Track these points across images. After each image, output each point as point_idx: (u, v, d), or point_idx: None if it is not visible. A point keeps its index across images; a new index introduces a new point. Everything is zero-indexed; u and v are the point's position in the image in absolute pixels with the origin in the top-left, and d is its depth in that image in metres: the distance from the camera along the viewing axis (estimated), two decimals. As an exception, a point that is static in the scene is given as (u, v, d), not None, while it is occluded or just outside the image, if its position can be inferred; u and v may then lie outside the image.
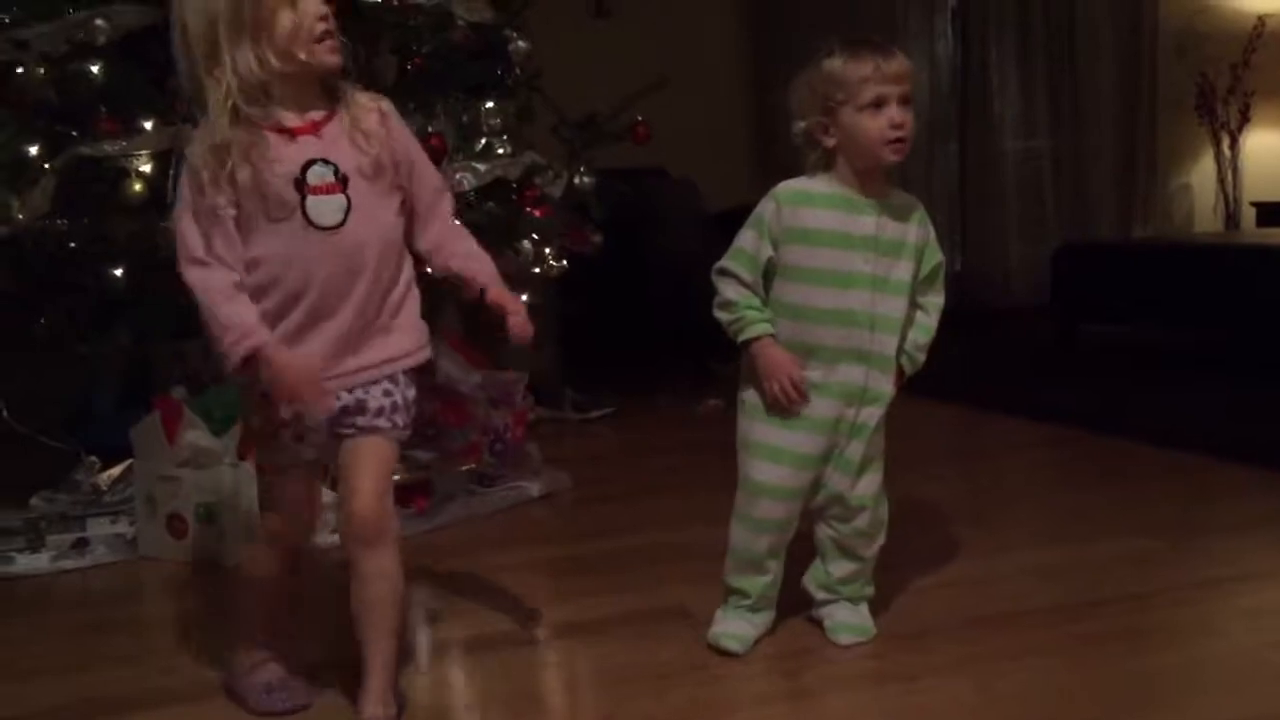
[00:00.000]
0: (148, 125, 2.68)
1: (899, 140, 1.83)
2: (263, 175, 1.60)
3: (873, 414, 1.90)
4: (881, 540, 1.99)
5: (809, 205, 1.87)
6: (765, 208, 1.89)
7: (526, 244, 3.07)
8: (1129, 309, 4.74)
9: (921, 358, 1.96)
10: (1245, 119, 6.26)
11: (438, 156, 2.80)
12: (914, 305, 1.93)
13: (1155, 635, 2.00)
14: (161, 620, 2.33)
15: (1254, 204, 6.23)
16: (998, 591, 2.18)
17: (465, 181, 2.89)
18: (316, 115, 1.66)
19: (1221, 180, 6.37)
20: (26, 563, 2.56)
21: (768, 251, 1.88)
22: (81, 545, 2.64)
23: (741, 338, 1.91)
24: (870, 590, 2.02)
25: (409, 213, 1.75)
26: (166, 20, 2.30)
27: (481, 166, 2.94)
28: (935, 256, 1.94)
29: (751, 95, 5.95)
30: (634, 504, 2.99)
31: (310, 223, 1.62)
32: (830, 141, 1.86)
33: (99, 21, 2.68)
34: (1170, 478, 3.02)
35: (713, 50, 5.81)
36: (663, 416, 4.14)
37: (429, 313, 2.05)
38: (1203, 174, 6.44)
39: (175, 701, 1.88)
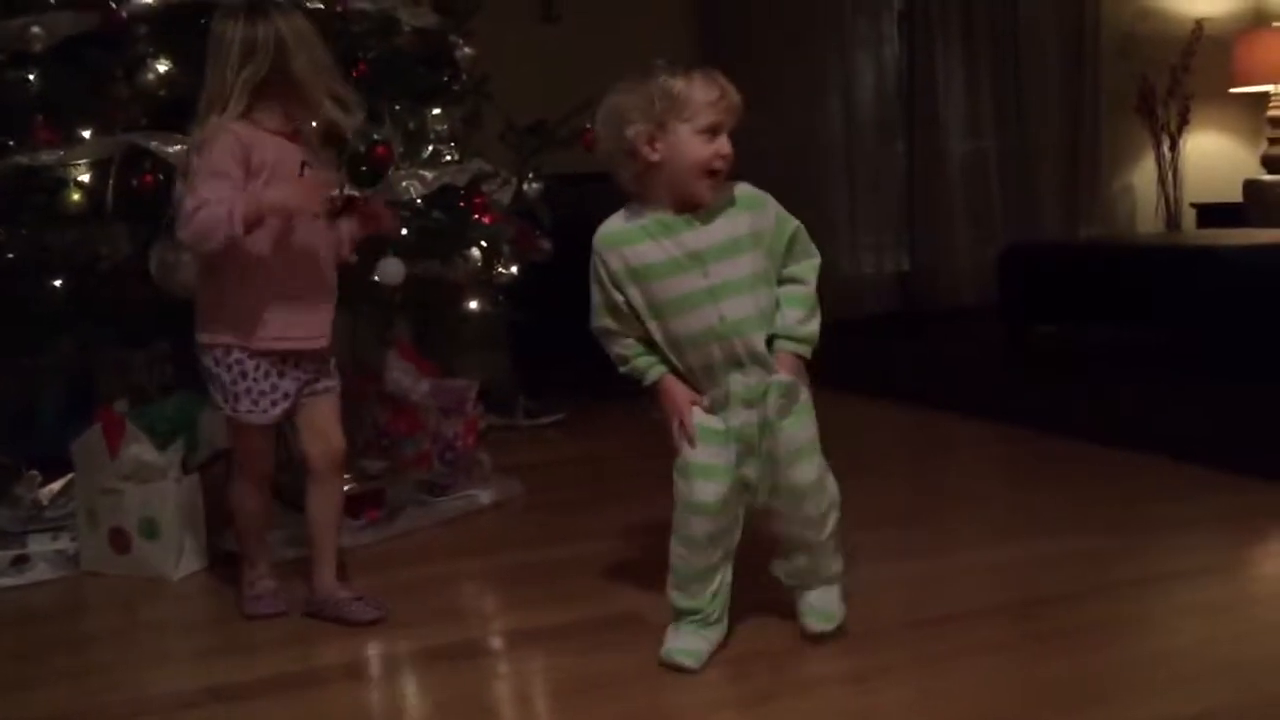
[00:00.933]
0: (86, 134, 2.64)
1: (718, 172, 1.85)
2: (279, 164, 2.07)
3: (781, 406, 1.88)
4: (832, 524, 1.97)
5: (628, 243, 1.89)
6: (593, 264, 1.92)
7: (475, 251, 3.04)
8: (1076, 309, 4.79)
9: (805, 330, 1.92)
10: (1185, 121, 6.36)
11: (384, 164, 2.78)
12: (784, 283, 1.93)
13: (1105, 632, 2.01)
14: (104, 636, 2.29)
15: (1194, 205, 6.33)
16: (947, 591, 2.19)
17: (412, 189, 2.86)
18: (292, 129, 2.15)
19: (1162, 181, 6.46)
20: (-35, 581, 2.50)
21: (617, 296, 1.90)
22: (21, 562, 2.59)
23: (645, 384, 1.95)
24: (838, 568, 2.01)
25: None
26: (104, 26, 2.40)
27: (429, 174, 2.92)
28: (787, 228, 1.93)
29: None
30: (586, 511, 2.98)
31: None
32: (654, 156, 1.85)
33: (35, 29, 2.64)
34: (1118, 476, 3.06)
35: (661, 54, 5.81)
36: (614, 423, 4.12)
37: (379, 323, 2.07)
38: (1144, 175, 6.53)
39: (119, 718, 1.84)
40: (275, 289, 2.11)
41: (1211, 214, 6.14)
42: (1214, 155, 6.51)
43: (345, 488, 2.77)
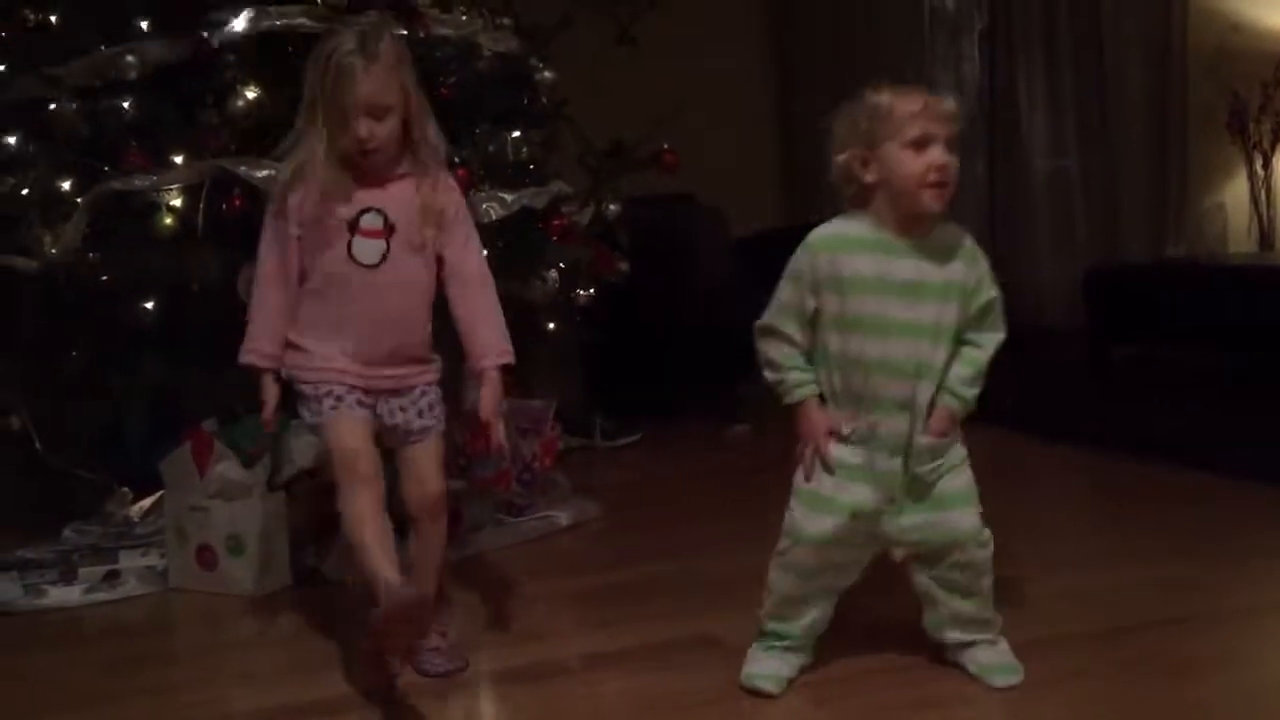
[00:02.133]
0: (178, 159, 2.71)
1: (939, 184, 1.77)
2: (326, 206, 1.96)
3: (929, 467, 1.83)
4: (986, 579, 1.90)
5: (844, 251, 1.81)
6: (799, 259, 1.84)
7: (553, 273, 3.06)
8: (1163, 330, 4.69)
9: (968, 392, 1.84)
10: (1278, 138, 6.20)
11: (465, 187, 2.81)
12: (960, 343, 1.85)
13: (1194, 663, 1.96)
14: (190, 653, 2.33)
15: (1289, 223, 6.16)
16: (1034, 616, 2.14)
17: (492, 211, 2.90)
18: (390, 174, 1.99)
19: (1255, 200, 6.30)
20: (58, 595, 2.57)
21: (811, 303, 1.82)
22: (113, 577, 2.65)
23: (785, 401, 1.87)
24: (1000, 622, 1.94)
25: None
26: (195, 55, 2.42)
27: (508, 196, 2.95)
28: (985, 294, 1.85)
29: (777, 120, 5.95)
30: (662, 532, 2.97)
31: (352, 258, 1.97)
32: (869, 177, 1.80)
33: (129, 58, 2.72)
34: (1206, 502, 2.97)
35: (738, 76, 5.81)
36: (691, 443, 4.12)
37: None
38: (1236, 193, 6.37)
39: (203, 734, 1.87)
40: (326, 330, 2.01)
41: (1306, 232, 5.97)
42: (1308, 172, 6.33)
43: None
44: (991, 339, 1.86)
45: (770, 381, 1.89)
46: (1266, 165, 6.24)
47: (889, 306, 1.79)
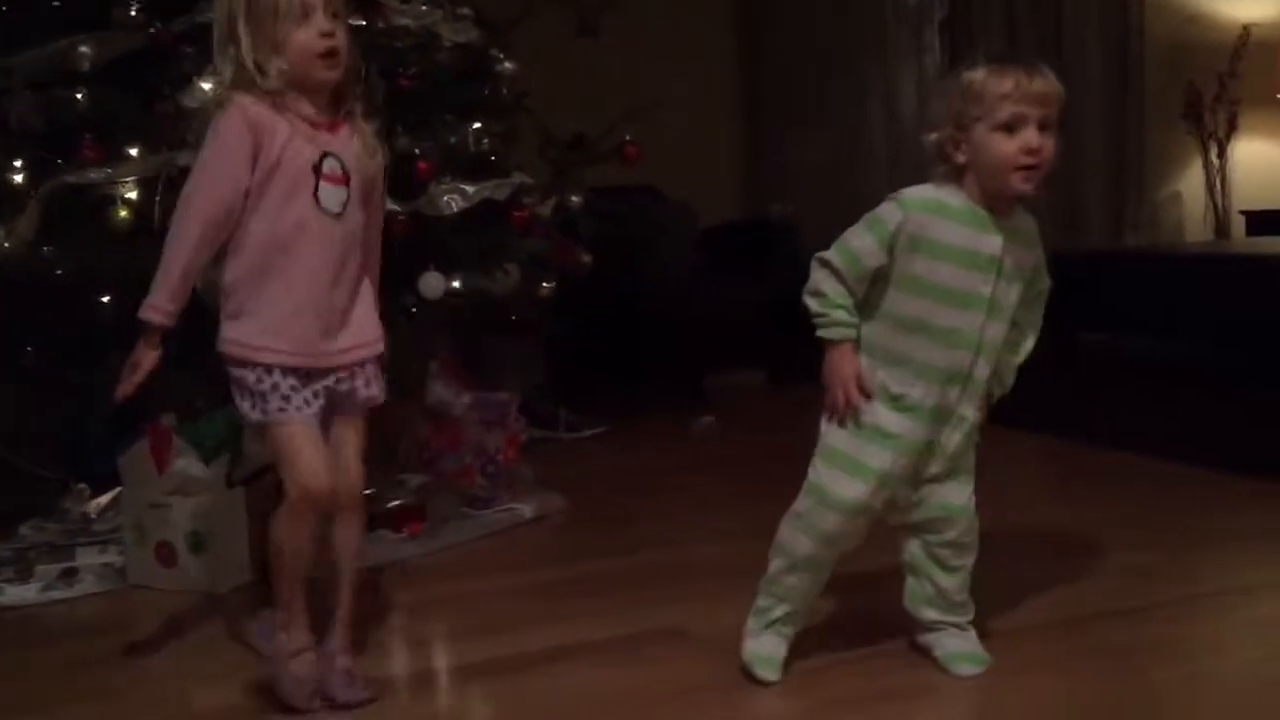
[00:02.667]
0: (133, 152, 2.67)
1: (1031, 167, 1.74)
2: (286, 155, 1.78)
3: (955, 439, 1.84)
4: (971, 558, 1.92)
5: (940, 216, 1.78)
6: (889, 214, 1.79)
7: (515, 265, 3.05)
8: (1123, 317, 4.74)
9: (1010, 380, 1.90)
10: (1233, 128, 6.28)
11: (425, 178, 2.80)
12: (1014, 327, 1.86)
13: (1158, 650, 1.98)
14: (149, 650, 2.30)
15: (1243, 212, 6.25)
16: (996, 605, 2.16)
17: (453, 203, 2.88)
18: (330, 117, 1.84)
19: (1210, 189, 6.38)
20: (14, 593, 2.53)
21: (882, 259, 1.78)
22: (70, 575, 2.61)
23: (823, 334, 1.81)
24: (973, 610, 1.94)
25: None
26: (152, 45, 2.34)
27: (469, 188, 2.93)
28: (1042, 281, 1.88)
29: (740, 112, 5.95)
30: (628, 525, 2.97)
31: (319, 206, 1.81)
32: (960, 158, 1.78)
33: (83, 49, 2.68)
34: (1167, 489, 3.01)
35: (701, 68, 5.80)
36: (655, 436, 4.12)
37: (419, 337, 2.04)
38: (1192, 182, 6.45)
39: (164, 734, 1.85)
40: (278, 288, 1.82)
41: (1261, 221, 6.05)
42: (1263, 162, 6.42)
43: (391, 502, 2.81)
44: (1035, 326, 1.90)
45: (811, 310, 1.82)
46: (1222, 155, 6.33)
47: (971, 280, 1.77)
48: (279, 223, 1.80)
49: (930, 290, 1.78)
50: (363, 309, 1.92)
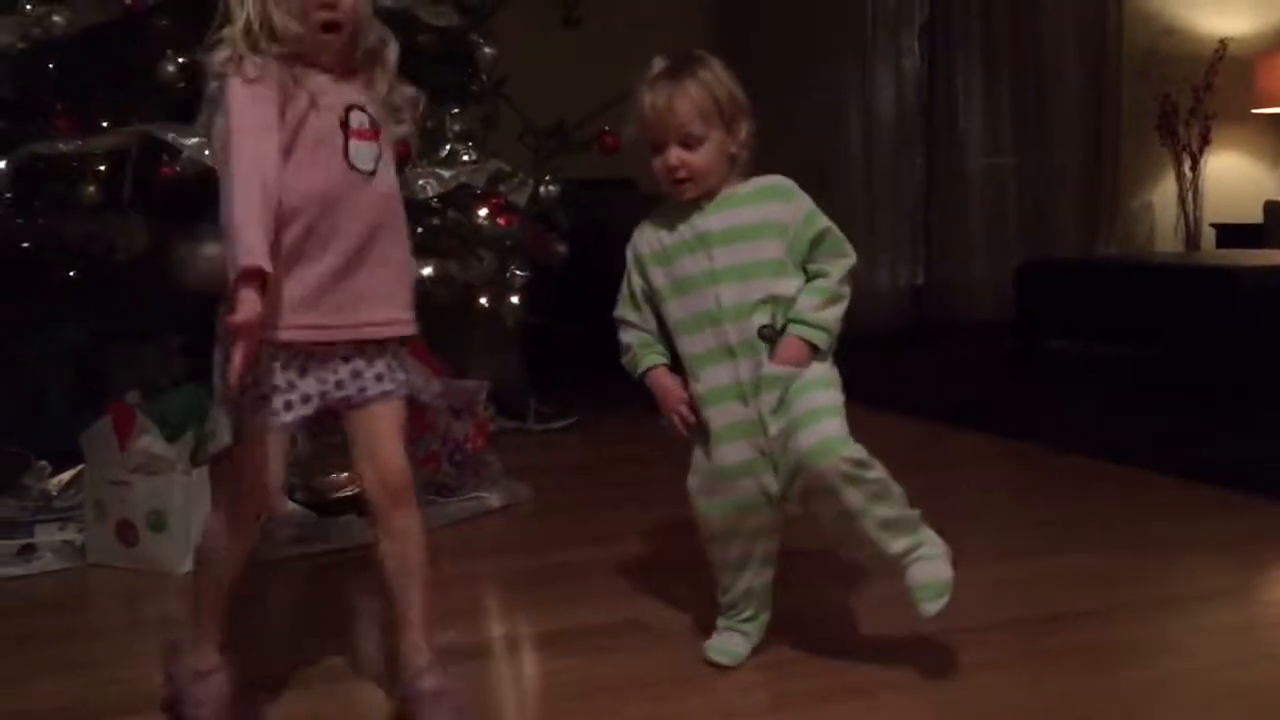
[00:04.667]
0: (104, 124, 2.64)
1: (678, 180, 1.84)
2: (309, 112, 1.60)
3: (772, 400, 1.81)
4: (873, 489, 1.78)
5: (654, 229, 1.92)
6: (628, 247, 1.95)
7: (489, 252, 3.04)
8: (1090, 326, 4.78)
9: (815, 316, 1.82)
10: (1206, 141, 6.34)
11: (402, 162, 2.78)
12: (808, 279, 1.87)
13: (1113, 652, 1.99)
14: (108, 629, 2.28)
15: (1214, 225, 6.31)
16: (954, 606, 2.16)
17: (429, 188, 2.86)
18: (348, 63, 1.66)
19: (1182, 201, 6.44)
20: (-29, 569, 2.50)
21: (640, 284, 1.93)
22: (28, 551, 2.58)
23: (636, 374, 1.94)
24: (919, 520, 1.85)
25: None
26: (126, 15, 2.25)
27: (446, 173, 2.91)
28: (814, 225, 1.88)
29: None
30: (593, 516, 2.97)
31: (350, 165, 1.62)
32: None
33: (57, 17, 2.64)
34: (1129, 494, 3.04)
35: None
36: (624, 429, 4.11)
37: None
38: (1164, 194, 6.51)
39: (120, 713, 1.83)
40: (310, 258, 1.61)
41: (1231, 234, 6.13)
42: (1235, 176, 6.49)
43: (347, 489, 2.77)
44: (839, 264, 1.89)
45: (625, 365, 1.96)
46: (1194, 167, 6.38)
47: (690, 264, 1.86)
48: (308, 189, 1.59)
49: (666, 292, 1.89)
50: (395, 282, 1.69)
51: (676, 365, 1.93)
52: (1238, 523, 2.74)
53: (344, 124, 1.62)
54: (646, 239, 1.93)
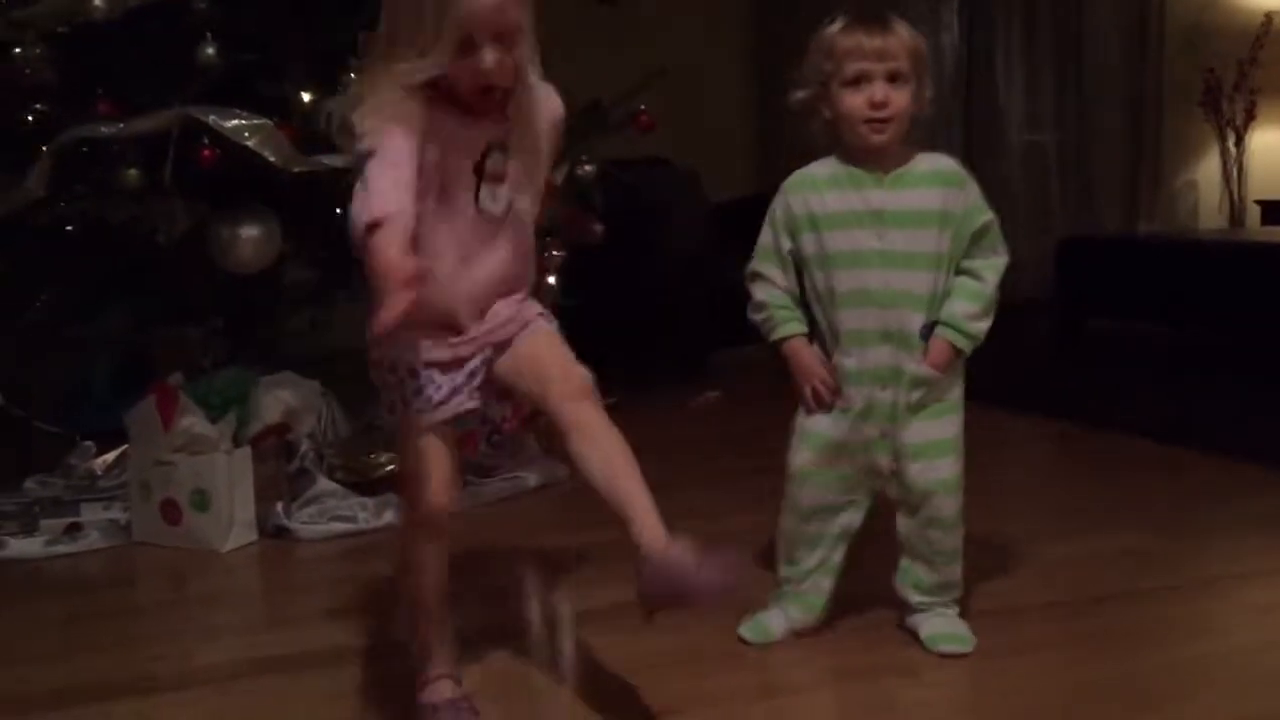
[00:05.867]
0: (145, 107, 2.66)
1: (876, 120, 1.79)
2: (443, 154, 1.53)
3: (919, 397, 1.84)
4: (954, 539, 1.90)
5: (813, 190, 1.85)
6: (775, 202, 1.89)
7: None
8: (1133, 304, 4.72)
9: (973, 327, 1.84)
10: (1251, 116, 6.23)
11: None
12: (961, 274, 1.86)
13: (1156, 633, 1.98)
14: (153, 607, 2.32)
15: (1258, 202, 6.21)
16: (998, 587, 2.16)
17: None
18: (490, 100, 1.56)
19: (1226, 177, 6.34)
20: (19, 547, 2.54)
21: (787, 244, 1.87)
22: (75, 530, 2.62)
23: (771, 338, 1.90)
24: (959, 593, 1.95)
25: None
26: (166, 1, 2.23)
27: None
28: (978, 219, 1.86)
29: (756, 86, 5.92)
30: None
31: (480, 210, 1.58)
32: (827, 113, 1.84)
33: (97, 2, 2.66)
34: (1172, 474, 3.00)
35: (717, 40, 5.78)
36: (662, 409, 4.11)
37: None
38: (1208, 171, 6.41)
39: (162, 689, 1.86)
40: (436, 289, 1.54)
41: (1276, 211, 6.03)
42: (1280, 151, 6.37)
43: (390, 467, 2.79)
44: (992, 264, 1.87)
45: (756, 322, 1.92)
46: (1239, 143, 6.28)
47: (859, 239, 1.82)
48: (431, 232, 1.53)
49: (826, 260, 1.84)
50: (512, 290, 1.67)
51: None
52: (1278, 503, 2.71)
53: (478, 168, 1.57)
54: (803, 199, 1.86)
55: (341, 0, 2.77)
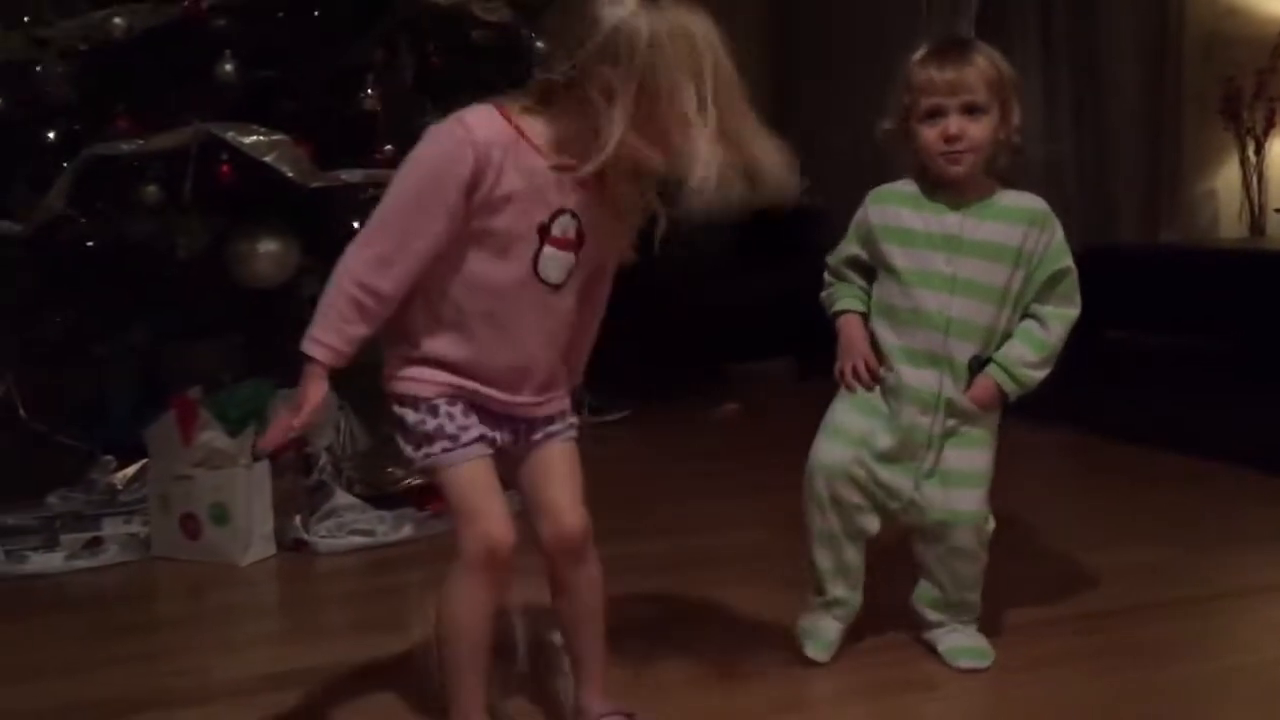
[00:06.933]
0: (164, 124, 2.68)
1: (951, 154, 1.79)
2: (509, 205, 1.44)
3: (957, 428, 1.83)
4: (976, 568, 1.90)
5: (893, 204, 1.87)
6: (859, 210, 1.92)
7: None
8: (1153, 314, 4.69)
9: (1026, 375, 1.83)
10: (1271, 125, 6.18)
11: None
12: (1028, 318, 1.86)
13: (1177, 646, 1.96)
14: (172, 621, 2.32)
15: (1279, 210, 6.17)
16: (1016, 599, 2.15)
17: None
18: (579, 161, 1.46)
19: (1247, 186, 6.29)
20: (40, 561, 2.55)
21: (855, 250, 1.91)
22: (95, 544, 2.63)
23: (830, 310, 1.94)
24: (978, 613, 1.94)
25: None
26: (184, 17, 2.25)
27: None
28: (1056, 263, 1.86)
29: (773, 98, 5.92)
30: (650, 509, 2.96)
31: (537, 275, 1.50)
32: (911, 144, 1.85)
33: (118, 19, 2.68)
34: (1193, 486, 2.98)
35: (735, 51, 5.79)
36: (679, 422, 4.11)
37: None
38: (1228, 179, 6.36)
39: (182, 703, 1.86)
40: (467, 347, 1.52)
41: (1297, 220, 5.98)
42: (1301, 160, 6.33)
43: (408, 480, 2.79)
44: (1058, 315, 1.87)
45: (823, 301, 1.96)
46: (1259, 151, 6.23)
47: (929, 260, 1.82)
48: (476, 285, 1.48)
49: (893, 273, 1.85)
50: (553, 380, 1.63)
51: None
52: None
53: (544, 229, 1.48)
54: (884, 211, 1.88)
55: (358, 17, 2.79)
